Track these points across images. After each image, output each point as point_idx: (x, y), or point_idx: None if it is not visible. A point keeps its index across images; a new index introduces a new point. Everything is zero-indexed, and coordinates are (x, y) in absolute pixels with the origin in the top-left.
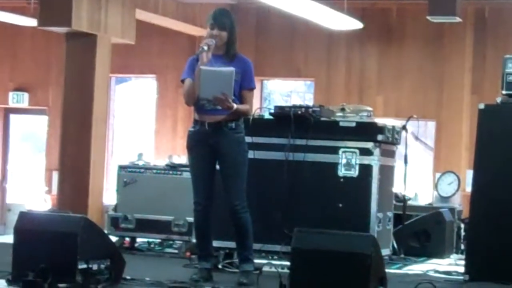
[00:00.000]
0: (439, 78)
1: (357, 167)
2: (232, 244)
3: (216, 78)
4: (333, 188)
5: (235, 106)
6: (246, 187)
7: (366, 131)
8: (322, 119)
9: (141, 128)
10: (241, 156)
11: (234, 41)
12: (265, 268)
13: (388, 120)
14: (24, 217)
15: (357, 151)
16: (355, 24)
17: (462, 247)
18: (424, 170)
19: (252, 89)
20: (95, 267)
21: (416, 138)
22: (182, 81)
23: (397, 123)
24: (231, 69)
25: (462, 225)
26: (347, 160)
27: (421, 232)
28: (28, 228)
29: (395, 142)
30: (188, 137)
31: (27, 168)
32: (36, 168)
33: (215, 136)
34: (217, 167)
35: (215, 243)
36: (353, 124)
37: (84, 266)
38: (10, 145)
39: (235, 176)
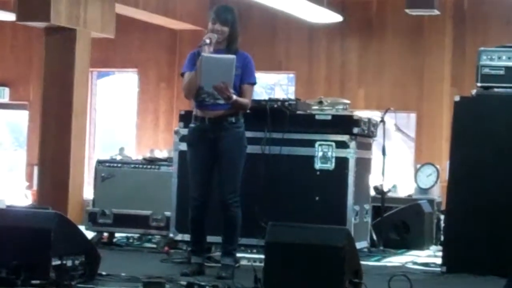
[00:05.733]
0: (419, 70)
1: (333, 160)
2: (211, 239)
3: (217, 65)
4: (310, 181)
5: (234, 97)
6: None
7: (342, 124)
8: (298, 112)
9: (123, 122)
10: (239, 151)
11: (236, 37)
12: (243, 262)
13: (369, 112)
14: None
15: (333, 144)
16: (335, 18)
17: (442, 238)
18: (407, 162)
19: (252, 83)
20: (69, 263)
21: (398, 129)
22: (182, 74)
23: (377, 115)
24: (232, 56)
25: (442, 217)
26: (323, 153)
27: (400, 224)
28: (1, 224)
29: (371, 135)
30: (189, 133)
31: (8, 163)
32: (17, 163)
33: (216, 131)
34: None
35: None
36: (329, 117)
37: (58, 262)
38: None
39: (231, 170)
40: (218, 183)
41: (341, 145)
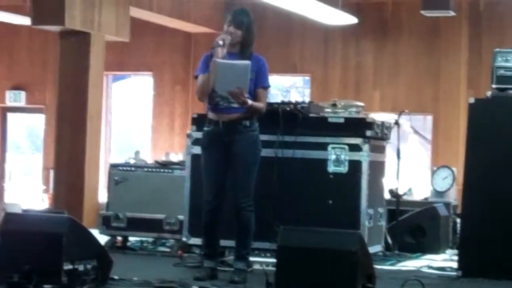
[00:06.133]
0: (435, 72)
1: (346, 163)
2: (225, 243)
3: (232, 71)
4: (323, 185)
5: (249, 102)
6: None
7: (355, 127)
8: (311, 115)
9: (139, 125)
10: (253, 155)
11: (251, 41)
12: (256, 266)
13: (384, 114)
14: (9, 218)
15: (346, 147)
16: (350, 20)
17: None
18: (423, 165)
19: (266, 87)
20: (81, 267)
21: (415, 132)
22: (196, 77)
23: (393, 117)
24: (247, 62)
25: (458, 220)
26: (337, 156)
27: (415, 227)
28: (13, 229)
29: (384, 138)
30: (203, 137)
31: (26, 167)
32: (34, 167)
33: (230, 135)
34: None
35: None
36: (342, 120)
37: (70, 266)
38: (7, 144)
39: (245, 174)
40: (232, 187)
41: (354, 148)
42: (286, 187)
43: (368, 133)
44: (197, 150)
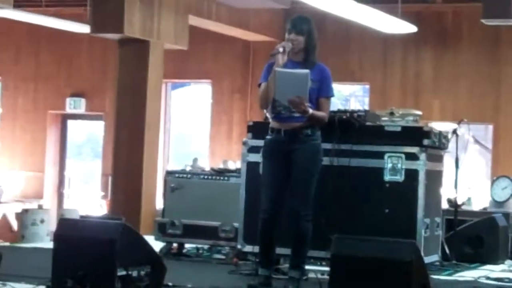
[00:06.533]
0: (496, 81)
1: (403, 172)
2: (281, 251)
3: (291, 79)
4: (379, 193)
5: (310, 110)
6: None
7: (412, 135)
8: (367, 123)
9: (198, 133)
10: (314, 165)
11: (313, 48)
12: (311, 275)
13: (444, 124)
14: (64, 223)
15: (403, 155)
16: (410, 28)
17: None
18: (483, 175)
19: (329, 97)
20: (134, 273)
21: (476, 141)
22: (259, 85)
23: (453, 127)
24: (306, 71)
25: None
26: (393, 165)
27: (474, 237)
28: (68, 234)
29: (442, 147)
30: (264, 145)
31: (86, 173)
32: (94, 174)
33: (291, 144)
34: None
35: None
36: (399, 129)
37: (124, 272)
38: (67, 151)
39: (305, 184)
40: (291, 196)
41: (411, 157)
42: (342, 195)
43: (425, 142)
44: (253, 157)
